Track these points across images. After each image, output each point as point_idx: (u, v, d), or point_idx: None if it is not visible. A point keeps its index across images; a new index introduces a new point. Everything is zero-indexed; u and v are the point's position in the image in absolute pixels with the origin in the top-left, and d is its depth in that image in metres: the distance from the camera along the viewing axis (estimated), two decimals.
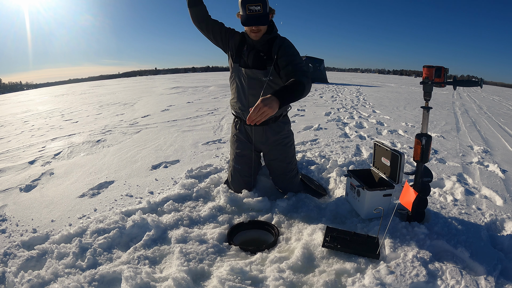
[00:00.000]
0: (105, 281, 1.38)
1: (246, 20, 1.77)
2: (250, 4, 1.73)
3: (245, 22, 1.78)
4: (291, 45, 1.91)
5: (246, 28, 1.86)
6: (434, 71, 1.58)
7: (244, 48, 1.96)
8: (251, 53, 1.92)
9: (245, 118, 2.01)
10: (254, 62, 1.92)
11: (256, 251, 1.58)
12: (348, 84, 16.12)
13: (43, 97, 14.05)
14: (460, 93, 13.09)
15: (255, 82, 1.93)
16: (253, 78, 1.93)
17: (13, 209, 2.14)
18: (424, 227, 1.67)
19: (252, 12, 1.74)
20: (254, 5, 1.73)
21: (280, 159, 2.11)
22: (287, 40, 1.94)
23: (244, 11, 1.75)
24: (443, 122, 5.43)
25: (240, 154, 2.12)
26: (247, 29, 1.86)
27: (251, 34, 1.86)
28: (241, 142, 2.13)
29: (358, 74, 50.17)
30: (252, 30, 1.83)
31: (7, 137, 4.89)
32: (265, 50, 1.91)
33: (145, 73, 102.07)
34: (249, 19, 1.76)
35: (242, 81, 1.98)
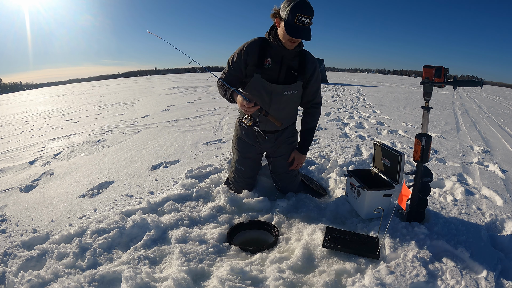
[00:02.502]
0: (105, 281, 1.38)
1: (293, 30, 1.64)
2: (301, 14, 1.60)
3: (292, 32, 1.65)
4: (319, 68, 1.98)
5: (284, 38, 1.72)
6: (434, 71, 1.58)
7: (268, 60, 1.84)
8: (282, 69, 1.86)
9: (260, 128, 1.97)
10: (286, 78, 1.88)
11: (256, 251, 1.58)
12: (348, 84, 16.12)
13: (43, 97, 14.05)
14: (460, 93, 13.09)
15: (280, 97, 1.90)
16: (279, 93, 1.89)
17: (13, 209, 2.14)
18: (424, 227, 1.67)
19: (300, 23, 1.62)
20: (305, 17, 1.62)
21: (285, 157, 2.12)
22: (316, 61, 1.95)
23: (292, 19, 1.61)
24: (443, 122, 5.43)
25: (245, 156, 2.11)
26: (285, 39, 1.72)
27: (287, 43, 1.74)
28: (247, 145, 2.11)
29: (358, 74, 50.16)
30: (292, 41, 1.72)
31: (7, 137, 4.89)
32: (296, 66, 1.88)
33: (145, 73, 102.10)
34: (297, 30, 1.64)
35: (266, 94, 1.89)
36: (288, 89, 1.89)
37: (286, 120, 2.03)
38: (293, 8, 1.60)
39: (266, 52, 1.85)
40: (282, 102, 1.92)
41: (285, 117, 2.00)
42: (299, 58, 1.89)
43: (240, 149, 2.12)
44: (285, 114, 1.99)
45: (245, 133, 2.10)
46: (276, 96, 1.89)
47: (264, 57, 1.85)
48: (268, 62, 1.85)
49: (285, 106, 1.94)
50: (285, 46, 1.78)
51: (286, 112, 1.98)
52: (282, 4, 1.68)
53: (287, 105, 1.95)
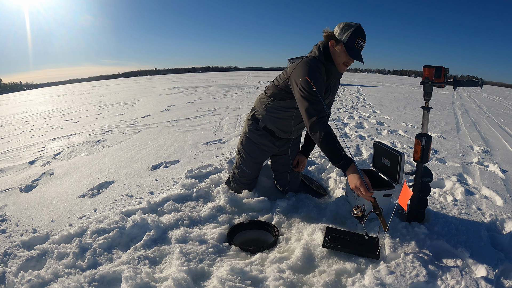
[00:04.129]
0: (105, 281, 1.38)
1: (353, 53, 1.74)
2: (362, 38, 1.73)
3: (353, 55, 1.74)
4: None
5: (340, 60, 1.78)
6: (434, 71, 1.58)
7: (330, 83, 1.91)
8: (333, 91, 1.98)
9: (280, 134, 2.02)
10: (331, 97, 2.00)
11: (256, 251, 1.58)
12: (348, 84, 16.12)
13: (43, 97, 14.05)
14: (460, 93, 13.09)
15: None
16: None
17: (13, 209, 2.14)
18: (424, 227, 1.67)
19: (359, 46, 1.74)
20: (363, 41, 1.74)
21: (288, 156, 2.15)
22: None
23: (352, 43, 1.72)
24: (443, 122, 5.43)
25: (256, 162, 2.11)
26: (341, 61, 1.79)
27: (342, 66, 1.81)
28: (261, 152, 2.08)
29: (358, 74, 50.16)
30: (347, 63, 1.80)
31: (7, 137, 4.89)
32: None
33: (145, 73, 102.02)
34: (357, 53, 1.74)
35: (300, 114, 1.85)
36: None
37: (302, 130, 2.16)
38: (355, 33, 1.71)
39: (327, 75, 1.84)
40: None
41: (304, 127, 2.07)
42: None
43: (251, 154, 2.08)
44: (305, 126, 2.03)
45: (258, 139, 2.05)
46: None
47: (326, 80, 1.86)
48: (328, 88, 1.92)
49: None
50: (338, 69, 1.84)
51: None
52: (340, 27, 1.75)
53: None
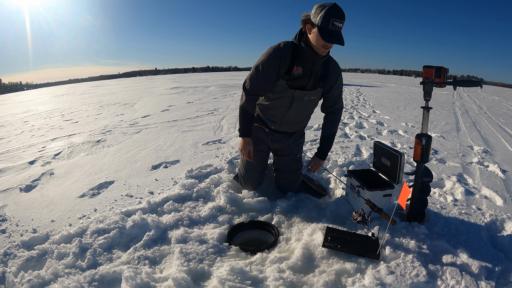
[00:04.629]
0: (105, 281, 1.38)
1: (328, 35, 1.62)
2: (336, 19, 1.59)
3: (327, 37, 1.62)
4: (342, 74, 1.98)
5: (317, 44, 1.68)
6: (434, 71, 1.58)
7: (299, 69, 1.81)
8: (311, 78, 1.85)
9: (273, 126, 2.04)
10: (311, 87, 1.89)
11: (256, 251, 1.58)
12: (348, 84, 16.11)
13: (43, 97, 14.05)
14: (460, 93, 13.09)
15: (299, 102, 1.92)
16: (299, 99, 1.90)
17: (13, 209, 2.14)
18: (424, 227, 1.67)
19: (335, 27, 1.61)
20: (339, 22, 1.61)
21: (292, 156, 2.15)
22: (340, 68, 1.94)
23: (327, 24, 1.60)
24: (443, 122, 5.43)
25: (257, 150, 2.10)
26: (318, 45, 1.68)
27: (321, 49, 1.70)
28: (258, 138, 2.10)
29: (358, 74, 50.16)
30: (325, 47, 1.69)
31: (7, 137, 4.89)
32: (320, 75, 1.88)
33: (145, 73, 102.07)
34: (332, 35, 1.62)
35: (287, 99, 1.90)
36: (308, 95, 1.91)
37: (300, 123, 2.09)
38: (327, 13, 1.59)
39: (296, 58, 1.80)
40: (301, 106, 1.94)
41: (300, 121, 2.07)
42: (324, 65, 1.87)
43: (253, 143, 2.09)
44: (301, 118, 2.04)
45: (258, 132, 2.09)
46: (296, 101, 1.91)
47: (294, 64, 1.80)
48: (298, 71, 1.81)
49: (302, 110, 1.98)
50: (317, 52, 1.74)
51: (302, 116, 2.03)
52: (314, 10, 1.65)
53: (305, 110, 1.99)
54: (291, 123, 2.03)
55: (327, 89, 1.95)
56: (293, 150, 2.13)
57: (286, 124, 2.02)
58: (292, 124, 2.04)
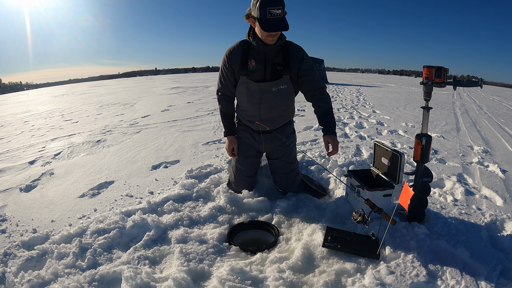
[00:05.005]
0: (105, 281, 1.38)
1: (267, 25, 1.64)
2: (272, 7, 1.60)
3: (266, 27, 1.64)
4: (309, 57, 1.91)
5: (262, 35, 1.73)
6: (434, 71, 1.58)
7: (252, 62, 1.84)
8: (267, 67, 1.85)
9: (254, 127, 2.03)
10: (272, 76, 1.86)
11: (256, 251, 1.58)
12: (348, 84, 16.12)
13: (43, 97, 14.05)
14: (460, 93, 13.09)
15: (268, 95, 1.90)
16: (267, 91, 1.89)
17: (13, 209, 2.14)
18: (424, 227, 1.67)
19: (273, 16, 1.62)
20: (276, 9, 1.61)
21: (283, 158, 2.11)
22: (303, 50, 1.89)
23: (264, 15, 1.62)
24: (443, 122, 5.43)
25: (245, 156, 2.11)
26: (263, 36, 1.73)
27: (267, 39, 1.73)
28: (245, 144, 2.11)
29: (358, 74, 50.16)
30: (270, 35, 1.71)
31: (7, 137, 4.89)
32: (280, 60, 1.85)
33: (145, 73, 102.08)
34: (271, 24, 1.64)
35: (253, 95, 1.91)
36: (275, 85, 1.88)
37: (280, 118, 2.03)
38: (262, 4, 1.61)
39: (248, 54, 1.85)
40: (271, 99, 1.92)
41: (279, 115, 2.01)
42: (282, 52, 1.85)
43: (240, 148, 2.13)
44: (276, 112, 1.99)
45: (242, 133, 2.11)
46: (264, 95, 1.89)
47: (247, 60, 1.85)
48: (252, 64, 1.86)
49: (275, 103, 1.94)
50: (266, 42, 1.76)
51: (277, 110, 1.98)
52: (252, 3, 1.69)
53: (277, 103, 1.94)
54: (270, 119, 1.98)
55: (295, 74, 1.89)
56: (284, 152, 2.09)
57: (265, 122, 1.97)
58: (271, 120, 1.99)
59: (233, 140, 2.08)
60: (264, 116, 1.97)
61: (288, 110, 2.05)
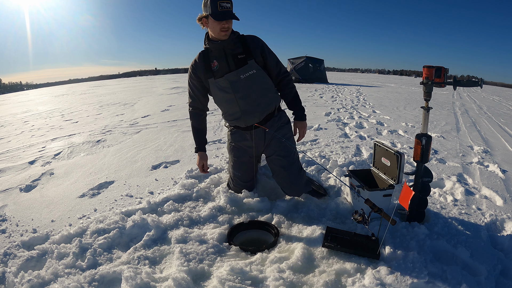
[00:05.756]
0: (105, 281, 1.38)
1: (219, 15, 1.77)
2: (221, 1, 1.76)
3: (218, 16, 1.77)
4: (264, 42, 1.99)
5: (216, 30, 1.81)
6: (434, 71, 1.58)
7: (214, 62, 1.92)
8: (229, 60, 1.90)
9: (241, 124, 2.00)
10: (236, 64, 1.90)
11: (256, 251, 1.58)
12: (348, 84, 16.12)
13: (43, 97, 14.05)
14: (460, 93, 13.09)
15: (238, 84, 1.90)
16: (236, 80, 1.89)
17: (13, 209, 2.14)
18: (424, 227, 1.67)
19: (223, 8, 1.76)
20: (226, 2, 1.77)
21: (279, 152, 2.01)
22: (258, 37, 1.97)
23: (216, 9, 1.76)
24: (443, 122, 5.43)
25: (239, 161, 2.09)
26: (217, 30, 1.81)
27: (220, 33, 1.82)
28: (238, 149, 2.09)
29: (358, 74, 50.16)
30: (223, 29, 1.81)
31: (7, 137, 4.89)
32: (241, 50, 1.91)
33: (145, 73, 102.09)
34: (222, 14, 1.77)
35: (226, 91, 1.92)
36: (242, 72, 1.89)
37: (262, 105, 1.96)
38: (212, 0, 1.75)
39: (209, 58, 1.94)
40: (243, 88, 1.91)
41: (257, 103, 1.94)
42: (240, 43, 1.92)
43: (233, 155, 2.12)
44: (254, 100, 1.93)
45: (233, 138, 2.10)
46: (235, 85, 1.90)
47: (209, 63, 1.94)
48: (215, 65, 1.93)
49: (249, 91, 1.91)
50: (220, 38, 1.85)
51: (254, 97, 1.93)
52: (202, 5, 1.82)
53: (250, 89, 1.91)
54: (251, 109, 1.94)
55: (259, 58, 1.94)
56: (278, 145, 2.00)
57: (248, 114, 1.94)
58: (252, 109, 1.94)
59: (204, 156, 2.15)
60: (244, 107, 1.93)
61: (268, 95, 1.98)
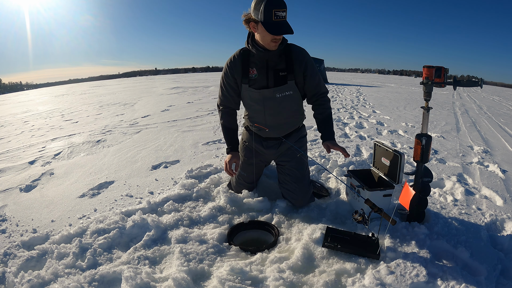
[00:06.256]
0: (105, 281, 1.38)
1: (273, 28, 1.57)
2: (277, 9, 1.55)
3: (272, 30, 1.58)
4: (312, 60, 1.86)
5: (265, 40, 1.66)
6: (434, 71, 1.58)
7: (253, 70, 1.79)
8: (269, 74, 1.79)
9: (262, 134, 2.00)
10: (275, 82, 1.80)
11: (256, 251, 1.58)
12: (348, 84, 16.12)
13: (43, 97, 14.05)
14: (460, 93, 13.09)
15: (272, 101, 1.85)
16: (271, 98, 1.83)
17: (13, 209, 2.14)
18: (424, 227, 1.67)
19: (278, 18, 1.56)
20: (281, 11, 1.56)
21: (292, 163, 1.98)
22: (306, 53, 1.83)
23: (270, 18, 1.56)
24: (443, 122, 5.43)
25: (249, 162, 2.06)
26: (267, 41, 1.66)
27: (270, 44, 1.67)
28: (251, 151, 2.06)
29: (358, 74, 50.16)
30: (274, 40, 1.65)
31: (7, 137, 4.89)
32: (283, 66, 1.79)
33: (145, 73, 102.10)
34: (277, 27, 1.58)
35: (257, 102, 1.87)
36: (279, 91, 1.82)
37: (287, 125, 1.98)
38: (267, 6, 1.55)
39: (249, 62, 1.80)
40: (275, 106, 1.86)
41: (286, 122, 1.96)
42: (285, 56, 1.79)
43: (244, 155, 2.08)
44: (283, 119, 1.93)
45: (248, 138, 2.06)
46: (268, 101, 1.84)
47: (248, 68, 1.81)
48: (253, 73, 1.81)
49: (280, 110, 1.88)
50: (268, 48, 1.70)
51: (283, 116, 1.92)
52: (253, 7, 1.62)
53: (282, 109, 1.88)
54: (277, 126, 1.93)
55: (300, 79, 1.84)
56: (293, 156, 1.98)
57: (272, 129, 1.93)
58: (277, 126, 1.93)
59: (236, 155, 1.96)
60: (270, 123, 1.91)
61: (295, 116, 1.98)
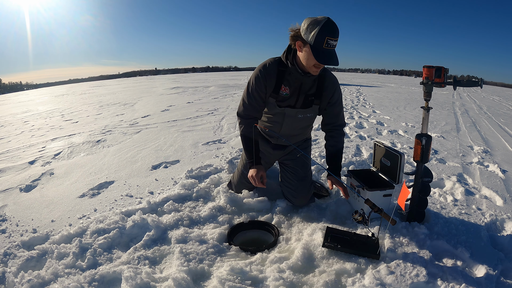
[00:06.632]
0: (105, 281, 1.38)
1: (323, 56, 1.50)
2: (331, 37, 1.47)
3: (322, 59, 1.51)
4: (341, 90, 1.86)
5: (309, 64, 1.59)
6: (434, 71, 1.58)
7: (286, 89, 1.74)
8: (300, 98, 1.77)
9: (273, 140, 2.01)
10: (303, 105, 1.80)
11: (256, 251, 1.58)
12: (348, 84, 16.11)
13: (43, 97, 14.05)
14: (460, 93, 13.09)
15: (292, 119, 1.86)
16: (293, 116, 1.84)
17: (13, 209, 2.14)
18: (424, 227, 1.67)
19: (329, 47, 1.49)
20: (334, 40, 1.48)
21: (296, 161, 2.00)
22: (338, 82, 1.82)
23: (321, 44, 1.48)
24: (443, 122, 5.43)
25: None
26: (310, 65, 1.59)
27: (312, 68, 1.60)
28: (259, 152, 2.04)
29: (358, 74, 50.15)
30: (318, 66, 1.58)
31: (7, 137, 4.89)
32: (314, 91, 1.77)
33: (145, 73, 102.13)
34: (326, 55, 1.51)
35: (278, 116, 1.86)
36: (302, 113, 1.83)
37: (299, 136, 2.03)
38: (321, 31, 1.46)
39: (283, 77, 1.73)
40: (294, 122, 1.89)
41: (299, 133, 2.01)
42: (317, 81, 1.76)
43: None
44: (296, 131, 1.97)
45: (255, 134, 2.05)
46: (289, 118, 1.86)
47: (281, 83, 1.73)
48: (286, 91, 1.75)
49: (297, 125, 1.92)
50: (308, 71, 1.64)
51: (297, 130, 1.97)
52: (305, 25, 1.52)
53: (299, 125, 1.93)
54: (288, 136, 1.96)
55: (325, 105, 1.85)
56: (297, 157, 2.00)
57: (284, 137, 1.95)
58: (290, 136, 1.97)
59: (262, 168, 1.85)
60: (284, 133, 1.94)
61: (307, 130, 2.06)
